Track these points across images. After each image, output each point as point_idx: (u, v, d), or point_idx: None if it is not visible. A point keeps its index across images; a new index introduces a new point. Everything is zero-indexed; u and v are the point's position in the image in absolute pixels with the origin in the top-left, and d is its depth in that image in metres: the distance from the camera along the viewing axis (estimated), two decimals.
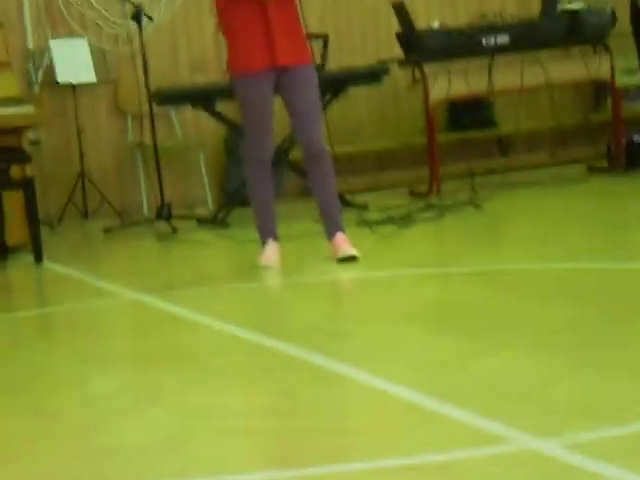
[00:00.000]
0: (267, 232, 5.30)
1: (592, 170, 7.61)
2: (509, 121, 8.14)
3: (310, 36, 7.02)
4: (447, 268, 5.06)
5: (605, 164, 7.61)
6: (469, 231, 6.05)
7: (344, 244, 5.25)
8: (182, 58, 7.90)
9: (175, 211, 7.05)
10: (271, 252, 5.27)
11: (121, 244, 6.65)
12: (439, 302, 4.38)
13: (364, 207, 6.92)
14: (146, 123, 7.28)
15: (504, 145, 8.41)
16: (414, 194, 7.36)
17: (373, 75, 7.22)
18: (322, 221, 5.33)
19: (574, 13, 7.32)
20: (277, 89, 5.23)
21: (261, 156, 5.23)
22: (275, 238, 5.31)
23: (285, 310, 4.58)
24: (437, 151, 7.33)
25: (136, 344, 4.20)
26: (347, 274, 5.09)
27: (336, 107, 7.52)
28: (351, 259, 5.16)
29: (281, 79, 5.18)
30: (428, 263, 5.22)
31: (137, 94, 7.13)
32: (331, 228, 5.28)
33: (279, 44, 5.09)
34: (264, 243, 5.31)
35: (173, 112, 7.82)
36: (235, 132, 7.38)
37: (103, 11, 7.69)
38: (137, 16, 6.89)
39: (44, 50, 7.52)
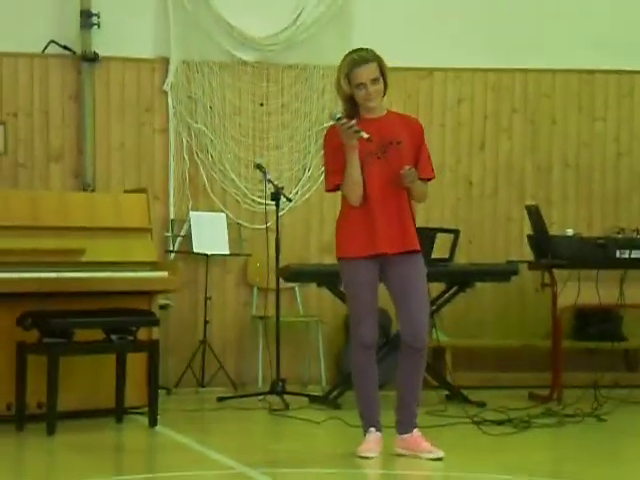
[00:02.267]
0: (369, 421, 5.23)
1: None
2: (638, 336, 7.97)
3: (441, 230, 7.16)
4: (562, 479, 4.88)
5: None
6: (589, 444, 5.85)
7: (425, 443, 5.16)
8: (312, 239, 8.06)
9: (289, 387, 7.07)
10: (372, 442, 5.21)
11: (233, 415, 6.66)
12: None
13: (481, 404, 6.81)
14: (271, 297, 7.40)
15: (631, 360, 8.21)
16: (534, 397, 7.21)
17: (502, 273, 7.23)
18: (398, 413, 5.23)
19: None
20: (382, 278, 5.24)
21: (364, 342, 5.20)
22: (378, 427, 5.23)
23: None
24: (561, 357, 7.20)
25: None
26: (447, 472, 4.97)
27: (462, 301, 7.53)
28: (438, 459, 5.06)
29: (386, 267, 5.20)
30: (541, 472, 5.05)
31: (266, 269, 7.28)
32: (408, 422, 5.20)
33: (380, 231, 5.14)
34: (366, 432, 5.24)
35: (297, 288, 7.93)
36: None
37: (244, 189, 7.96)
38: (276, 196, 7.11)
39: (184, 220, 7.78)
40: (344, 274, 5.27)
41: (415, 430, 5.20)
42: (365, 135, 5.07)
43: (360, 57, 5.16)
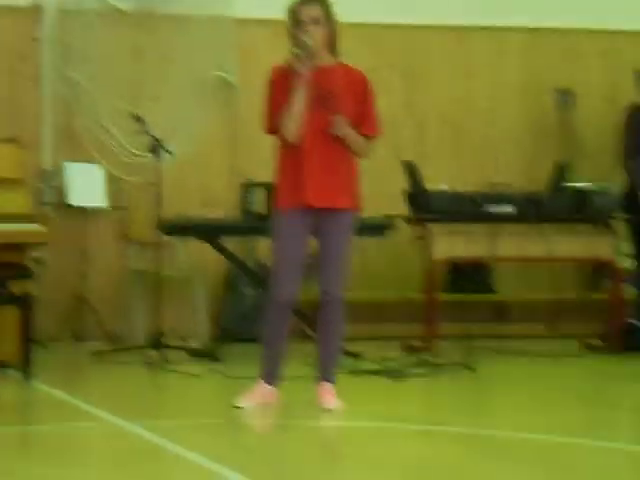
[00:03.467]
0: (267, 375, 5.21)
1: (589, 347, 7.61)
2: (508, 289, 8.21)
3: None
4: (433, 426, 5.03)
5: (599, 343, 7.62)
6: (460, 393, 6.03)
7: (327, 395, 5.22)
8: (194, 192, 8.03)
9: (169, 341, 7.06)
10: (255, 394, 5.19)
11: (110, 369, 6.63)
12: (419, 459, 4.34)
13: (358, 356, 6.93)
14: (151, 251, 7.36)
15: (501, 312, 8.46)
16: (408, 348, 7.37)
17: (378, 228, 7.32)
18: (316, 365, 5.30)
19: (580, 191, 7.48)
20: (315, 230, 5.20)
21: (277, 299, 5.14)
22: (270, 381, 5.20)
23: (262, 452, 4.53)
24: (435, 310, 7.38)
25: (111, 474, 4.15)
26: (331, 422, 5.06)
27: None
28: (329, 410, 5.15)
29: (317, 222, 5.17)
30: (415, 419, 5.19)
31: (146, 223, 7.22)
32: (320, 375, 5.27)
33: (309, 184, 5.08)
34: (258, 382, 5.21)
35: (179, 243, 7.90)
36: (237, 268, 7.46)
37: (122, 140, 7.86)
38: (156, 149, 7.04)
39: (59, 171, 7.65)
40: (274, 225, 5.19)
41: (324, 383, 5.21)
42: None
43: None
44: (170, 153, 7.35)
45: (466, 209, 7.24)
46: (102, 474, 4.15)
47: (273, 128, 5.17)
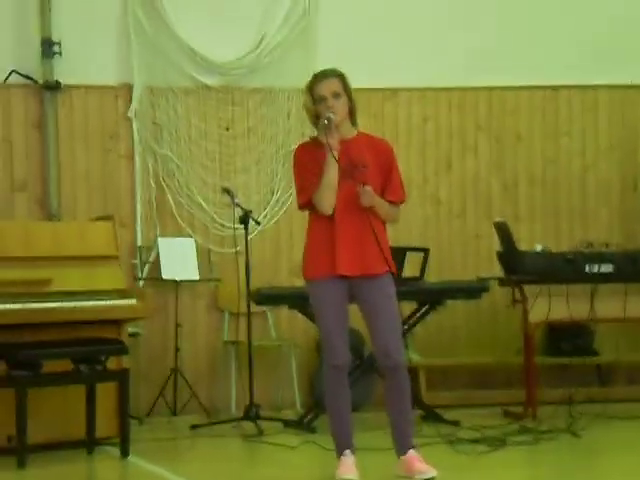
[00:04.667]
0: (343, 444, 5.20)
1: None
2: (610, 350, 7.98)
3: (411, 249, 7.14)
4: None
5: None
6: (565, 460, 5.83)
7: (418, 463, 5.12)
8: (282, 262, 8.02)
9: (263, 412, 7.02)
10: (348, 464, 5.17)
11: (207, 442, 6.59)
12: None
13: (456, 424, 6.79)
14: (242, 322, 7.35)
15: (603, 374, 8.21)
16: (509, 415, 7.18)
17: (472, 291, 7.22)
18: (393, 437, 5.21)
19: None
20: (353, 299, 5.21)
21: (333, 363, 5.17)
22: (351, 450, 5.19)
23: None
24: (534, 374, 7.19)
25: None
26: None
27: (433, 320, 7.51)
28: None
29: (353, 289, 5.18)
30: None
31: (237, 293, 7.23)
32: (403, 445, 5.18)
33: (340, 253, 5.11)
34: (340, 455, 5.21)
35: (269, 312, 7.88)
36: None
37: (213, 214, 7.92)
38: (245, 220, 7.07)
39: (152, 247, 7.72)
40: (310, 295, 5.25)
41: (411, 451, 5.16)
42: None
43: (321, 72, 5.26)
44: (259, 224, 7.38)
45: (562, 269, 7.08)
46: None
47: (307, 203, 5.23)
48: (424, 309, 7.16)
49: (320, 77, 5.20)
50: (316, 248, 5.20)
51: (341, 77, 5.21)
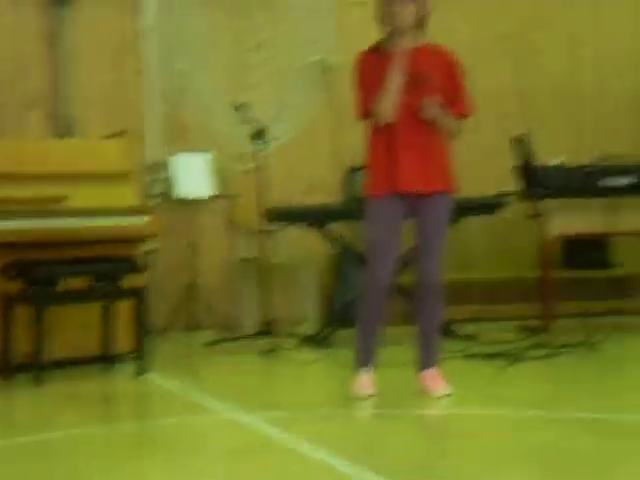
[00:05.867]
0: (363, 359, 5.21)
1: None
2: (627, 263, 7.94)
3: None
4: (556, 412, 4.86)
5: None
6: (582, 374, 5.83)
7: (435, 381, 5.14)
8: (299, 179, 7.97)
9: (280, 328, 7.04)
10: (364, 381, 5.19)
11: (223, 358, 6.63)
12: (544, 448, 4.19)
13: (472, 338, 6.79)
14: (258, 239, 7.34)
15: (620, 287, 8.19)
16: (525, 329, 7.19)
17: (489, 206, 7.17)
18: (417, 351, 5.23)
19: None
20: (411, 214, 5.14)
21: (373, 282, 5.13)
22: (372, 367, 5.20)
23: (375, 442, 4.44)
24: (550, 288, 7.18)
25: (225, 466, 4.12)
26: (445, 409, 4.95)
27: (450, 235, 7.46)
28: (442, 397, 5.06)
29: (413, 205, 5.11)
30: (536, 405, 5.03)
31: (252, 211, 7.20)
32: (424, 362, 5.20)
33: (402, 169, 5.03)
34: (359, 369, 5.21)
35: (281, 232, 7.85)
36: (345, 253, 7.39)
37: (226, 129, 7.84)
38: (260, 136, 7.00)
39: (166, 163, 7.67)
40: (367, 212, 5.15)
41: (430, 369, 5.18)
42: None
43: None
44: (274, 140, 7.30)
45: (581, 183, 7.01)
46: (216, 466, 4.12)
47: (366, 113, 5.10)
48: None
49: None
50: (377, 164, 5.09)
51: None
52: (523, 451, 4.14)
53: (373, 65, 5.08)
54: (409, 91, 5.03)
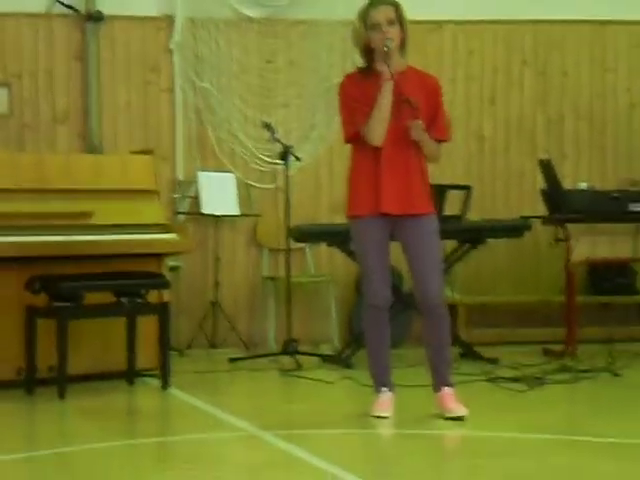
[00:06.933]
0: (380, 382, 5.22)
1: None
2: None
3: (453, 187, 7.07)
4: (577, 436, 4.83)
5: None
6: (605, 399, 5.79)
7: (450, 402, 5.13)
8: (322, 198, 7.99)
9: (301, 347, 7.04)
10: (384, 401, 5.19)
11: (245, 376, 6.63)
12: (564, 472, 4.17)
13: (494, 361, 6.77)
14: (281, 258, 7.35)
15: None
16: (548, 353, 7.16)
17: (515, 229, 7.16)
18: (430, 373, 5.23)
19: None
20: (395, 237, 5.17)
21: (374, 303, 5.16)
22: (388, 387, 5.21)
23: (392, 462, 4.43)
24: (575, 312, 7.15)
25: None
26: (463, 431, 4.93)
27: (474, 257, 7.46)
28: (458, 419, 5.04)
29: (396, 227, 5.13)
30: (556, 429, 5.00)
31: (276, 229, 7.21)
32: (437, 383, 5.19)
33: (385, 191, 5.05)
34: (377, 391, 5.23)
35: (308, 249, 7.87)
36: None
37: (253, 149, 7.87)
38: (285, 156, 7.03)
39: (192, 181, 7.71)
40: (353, 233, 5.21)
41: (445, 388, 5.17)
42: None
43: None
44: (299, 159, 7.33)
45: (607, 208, 6.99)
46: None
47: (353, 136, 5.13)
48: (465, 247, 7.12)
49: (376, 3, 5.09)
50: (360, 184, 5.13)
51: (397, 6, 5.10)
52: (544, 475, 4.12)
53: (358, 88, 5.10)
54: (394, 114, 5.06)
